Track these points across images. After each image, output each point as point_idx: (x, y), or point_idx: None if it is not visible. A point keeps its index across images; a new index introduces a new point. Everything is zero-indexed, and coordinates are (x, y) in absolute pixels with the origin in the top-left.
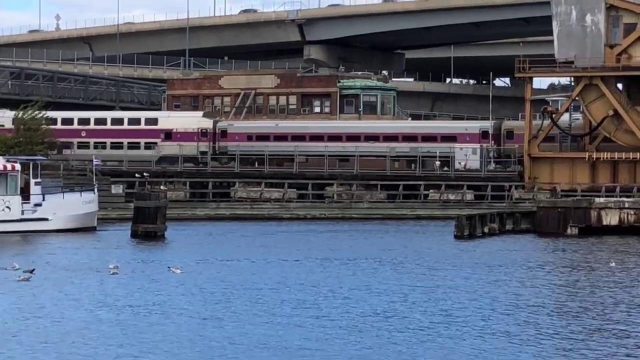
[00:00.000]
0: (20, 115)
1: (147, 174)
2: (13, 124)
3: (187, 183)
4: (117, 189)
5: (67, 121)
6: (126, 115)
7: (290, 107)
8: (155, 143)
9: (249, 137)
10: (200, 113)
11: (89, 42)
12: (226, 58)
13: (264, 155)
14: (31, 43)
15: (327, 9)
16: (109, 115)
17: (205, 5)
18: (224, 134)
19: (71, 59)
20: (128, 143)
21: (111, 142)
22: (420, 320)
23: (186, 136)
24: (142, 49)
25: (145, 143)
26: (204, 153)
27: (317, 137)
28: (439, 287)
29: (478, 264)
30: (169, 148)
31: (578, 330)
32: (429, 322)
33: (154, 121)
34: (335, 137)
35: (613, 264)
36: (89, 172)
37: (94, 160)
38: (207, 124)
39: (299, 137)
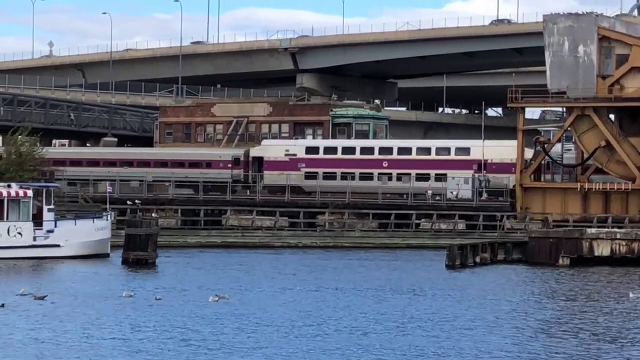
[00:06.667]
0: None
1: (139, 201)
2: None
3: (179, 211)
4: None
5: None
6: (434, 144)
7: (283, 135)
8: None
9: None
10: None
11: (82, 69)
12: (219, 86)
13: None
14: (24, 69)
15: (320, 38)
16: (414, 144)
17: (198, 33)
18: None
19: (64, 85)
20: (435, 175)
21: (416, 174)
22: None
23: (503, 167)
24: (135, 76)
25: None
26: None
27: None
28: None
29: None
30: None
31: None
32: None
33: (466, 151)
34: None
35: (632, 295)
36: (80, 199)
37: (108, 187)
38: (529, 153)
39: None
